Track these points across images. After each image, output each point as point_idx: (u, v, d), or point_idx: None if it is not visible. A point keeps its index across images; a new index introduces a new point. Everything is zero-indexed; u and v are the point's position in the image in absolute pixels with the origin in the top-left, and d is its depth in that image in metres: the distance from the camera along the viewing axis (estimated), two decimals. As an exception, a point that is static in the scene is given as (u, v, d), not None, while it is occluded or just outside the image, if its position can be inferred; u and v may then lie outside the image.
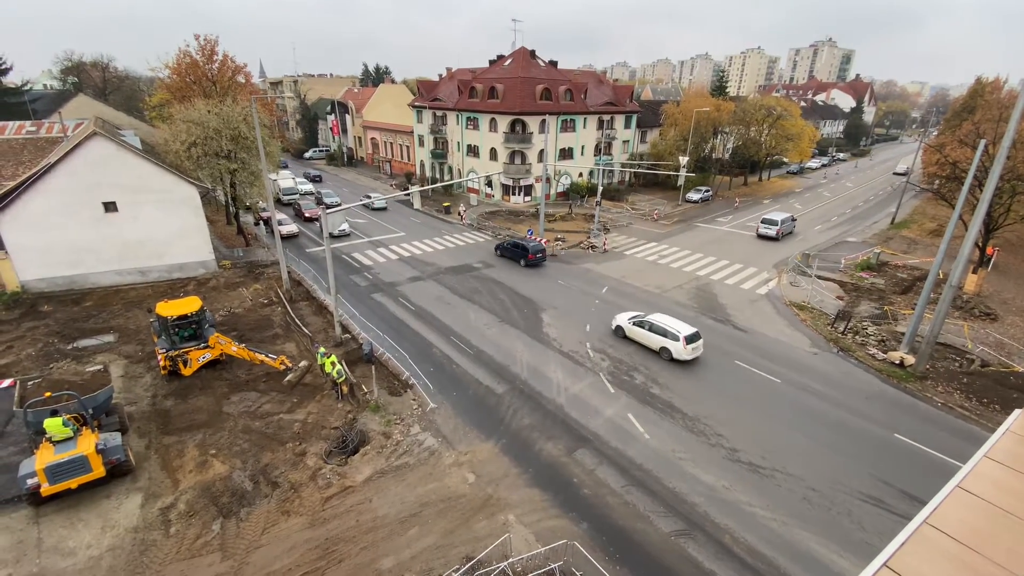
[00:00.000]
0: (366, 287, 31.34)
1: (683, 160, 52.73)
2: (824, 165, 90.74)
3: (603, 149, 61.70)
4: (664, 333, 23.11)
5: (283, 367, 20.58)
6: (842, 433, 18.51)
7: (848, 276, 34.66)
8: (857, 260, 37.79)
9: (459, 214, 48.83)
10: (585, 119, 58.03)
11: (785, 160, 75.44)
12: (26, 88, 60.14)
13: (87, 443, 14.50)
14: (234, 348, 20.52)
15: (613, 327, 25.58)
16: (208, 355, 20.66)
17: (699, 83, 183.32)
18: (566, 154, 57.78)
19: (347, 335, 24.87)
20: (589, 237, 42.47)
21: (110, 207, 27.95)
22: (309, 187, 56.08)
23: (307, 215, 45.90)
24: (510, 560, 12.85)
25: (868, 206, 59.14)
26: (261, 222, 44.19)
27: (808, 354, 24.21)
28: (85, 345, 23.13)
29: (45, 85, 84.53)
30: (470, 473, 16.18)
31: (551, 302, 29.42)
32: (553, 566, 12.87)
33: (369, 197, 47.80)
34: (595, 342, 24.77)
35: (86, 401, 15.92)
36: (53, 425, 14.46)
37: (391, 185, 65.19)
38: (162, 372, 20.58)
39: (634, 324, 24.47)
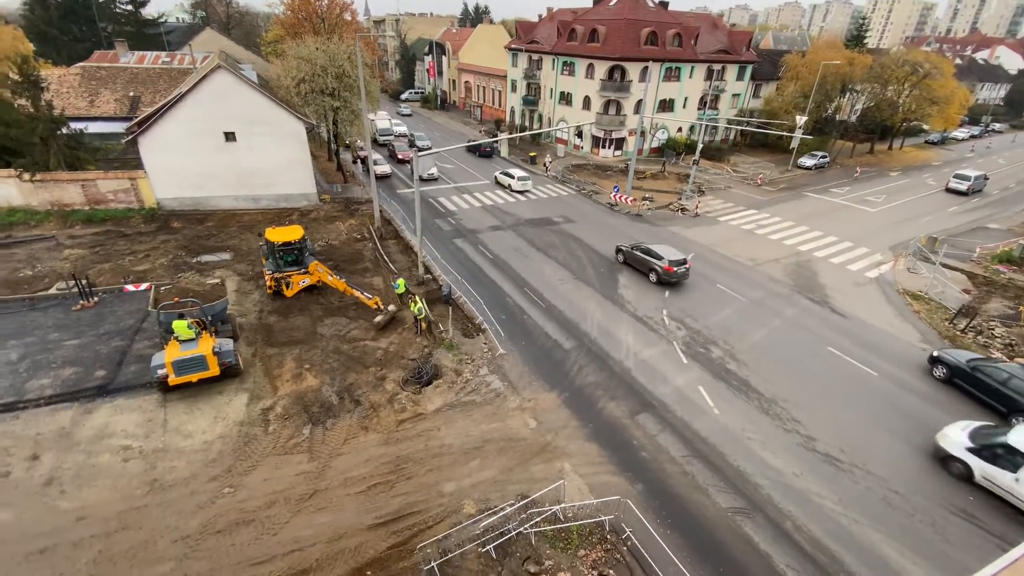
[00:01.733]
0: (449, 232, 32.25)
1: (800, 120, 47.33)
2: (974, 136, 77.40)
3: (709, 103, 56.84)
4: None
5: (375, 307, 22.01)
6: (942, 439, 16.76)
7: (982, 268, 30.13)
8: (996, 250, 32.59)
9: (544, 165, 48.01)
10: (692, 68, 53.47)
11: (925, 127, 65.41)
12: (161, 20, 65.80)
13: (206, 345, 16.75)
14: (330, 277, 22.20)
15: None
16: (307, 280, 22.58)
17: (832, 31, 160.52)
18: (666, 106, 54.01)
19: (429, 276, 26.02)
20: (681, 199, 40.18)
21: (230, 137, 30.62)
22: (403, 128, 57.54)
23: (400, 157, 47.39)
24: (562, 505, 13.39)
25: (1021, 188, 50.14)
26: (358, 160, 46.37)
27: (916, 349, 21.78)
28: (206, 260, 26.23)
29: (177, 18, 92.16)
30: (532, 419, 16.76)
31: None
32: (603, 518, 13.24)
33: (472, 142, 48.13)
34: (673, 310, 23.94)
35: (206, 309, 18.24)
36: (180, 327, 16.80)
37: (480, 131, 65.14)
38: (268, 291, 22.94)
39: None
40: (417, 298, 21.44)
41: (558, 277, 26.66)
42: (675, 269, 25.54)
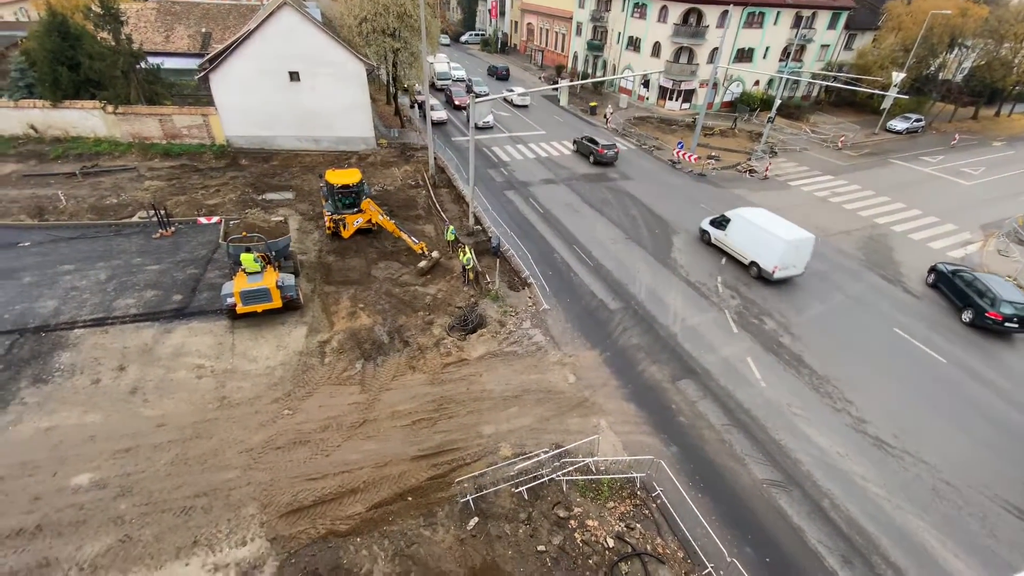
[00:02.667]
0: (501, 183, 31.97)
1: (896, 77, 42.51)
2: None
3: (792, 54, 51.81)
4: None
5: (420, 252, 22.48)
6: (1008, 434, 15.71)
7: (1093, 255, 26.86)
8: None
9: (605, 116, 45.96)
10: (779, 13, 48.60)
11: (1046, 91, 57.00)
12: (233, -45, 65.91)
13: (270, 278, 17.82)
14: (381, 216, 22.67)
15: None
16: (360, 220, 23.19)
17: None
18: (744, 56, 49.76)
19: (479, 227, 26.14)
20: (750, 159, 37.69)
21: (294, 76, 31.08)
22: (462, 73, 56.30)
23: (457, 103, 46.68)
24: (595, 458, 13.74)
25: None
26: (416, 105, 46.11)
27: (994, 338, 20.10)
28: (271, 198, 27.43)
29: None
30: (571, 374, 17.00)
31: (687, 226, 27.50)
32: (635, 475, 13.53)
33: (511, 91, 46.65)
34: (728, 278, 23.05)
35: (271, 244, 19.28)
36: (247, 259, 17.89)
37: (540, 77, 62.76)
38: (327, 231, 23.87)
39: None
40: (466, 248, 21.71)
41: (609, 236, 26.09)
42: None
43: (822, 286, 22.81)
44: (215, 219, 24.27)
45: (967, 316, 20.94)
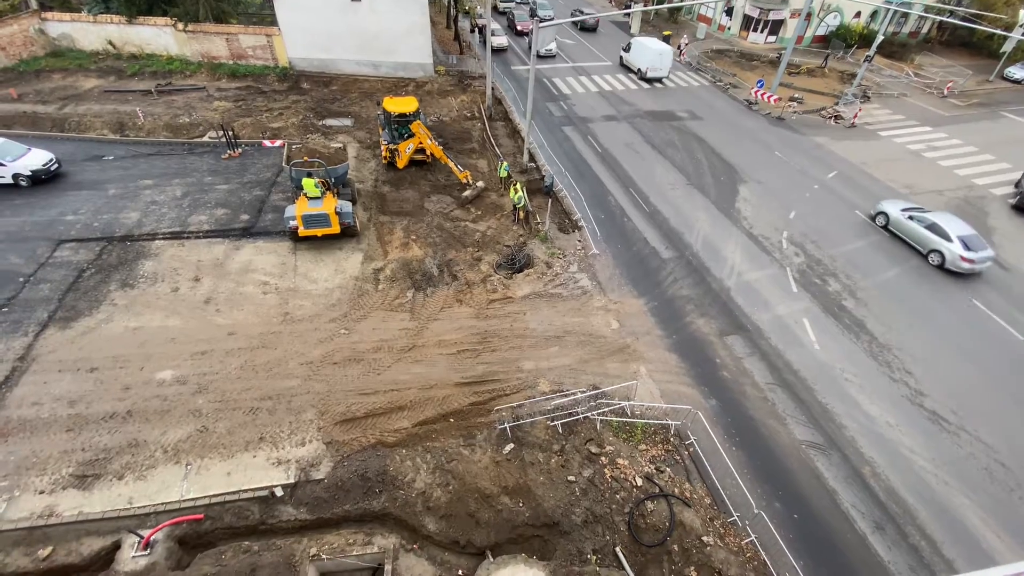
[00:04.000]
0: (559, 118, 30.69)
1: (1029, 12, 36.20)
2: None
3: (906, -20, 44.89)
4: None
5: (465, 181, 22.36)
6: (1089, 424, 14.58)
7: None
8: None
9: (679, 48, 42.32)
10: (897, -70, 41.66)
11: None
12: None
13: (329, 204, 18.42)
14: (430, 140, 22.47)
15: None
16: (412, 145, 23.11)
17: None
18: (846, -18, 43.65)
19: (532, 164, 25.53)
20: (838, 103, 34.07)
21: (355, -4, 30.24)
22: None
23: (519, 28, 44.24)
24: (631, 402, 14.00)
25: None
26: (476, 29, 44.10)
27: (1094, 320, 18.19)
28: (330, 124, 27.73)
29: None
30: (615, 320, 16.99)
31: (757, 175, 25.72)
32: (670, 422, 13.73)
33: (582, 13, 43.54)
34: (795, 233, 21.68)
35: (330, 171, 19.75)
36: (308, 184, 18.48)
37: (610, 1, 57.99)
38: (383, 160, 24.10)
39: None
40: (518, 185, 21.38)
41: (670, 181, 24.87)
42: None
43: (900, 249, 21.09)
44: (278, 143, 24.95)
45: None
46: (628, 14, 46.69)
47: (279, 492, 11.59)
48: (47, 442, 12.31)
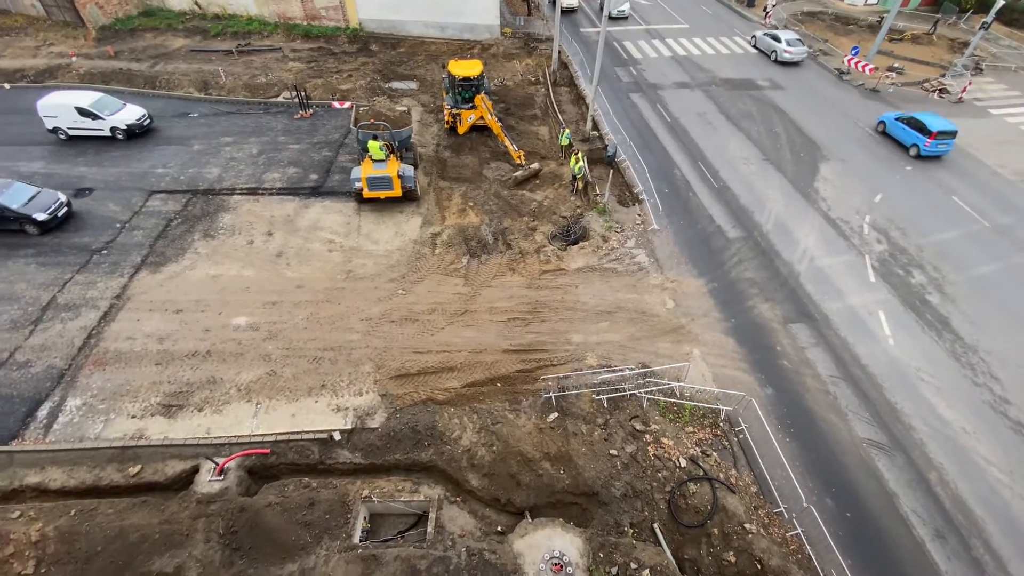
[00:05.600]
0: (627, 83, 29.38)
1: None
2: None
3: (1050, -72, 38.56)
4: None
5: (518, 161, 22.00)
6: None
7: None
8: None
9: (765, 9, 38.96)
10: None
11: None
12: None
13: (392, 168, 18.83)
14: (490, 115, 22.22)
15: None
16: (474, 116, 23.00)
17: None
18: (973, -67, 38.09)
19: (595, 133, 24.77)
20: (945, 75, 30.39)
21: (425, -47, 29.85)
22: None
23: (591, -13, 42.14)
24: (681, 384, 13.73)
25: None
26: (545, -11, 42.49)
27: None
28: (396, 87, 28.02)
29: None
30: (670, 300, 16.54)
31: (841, 153, 23.68)
32: (721, 407, 13.40)
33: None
34: (879, 218, 19.95)
35: (394, 134, 20.09)
36: (373, 147, 18.92)
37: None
38: (445, 125, 24.18)
39: None
40: (579, 155, 20.86)
41: (743, 155, 23.41)
42: None
43: (1001, 243, 18.96)
44: (347, 104, 25.57)
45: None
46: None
47: (337, 436, 12.45)
48: (138, 373, 13.79)
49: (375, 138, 19.32)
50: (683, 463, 12.13)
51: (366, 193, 18.95)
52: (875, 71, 29.73)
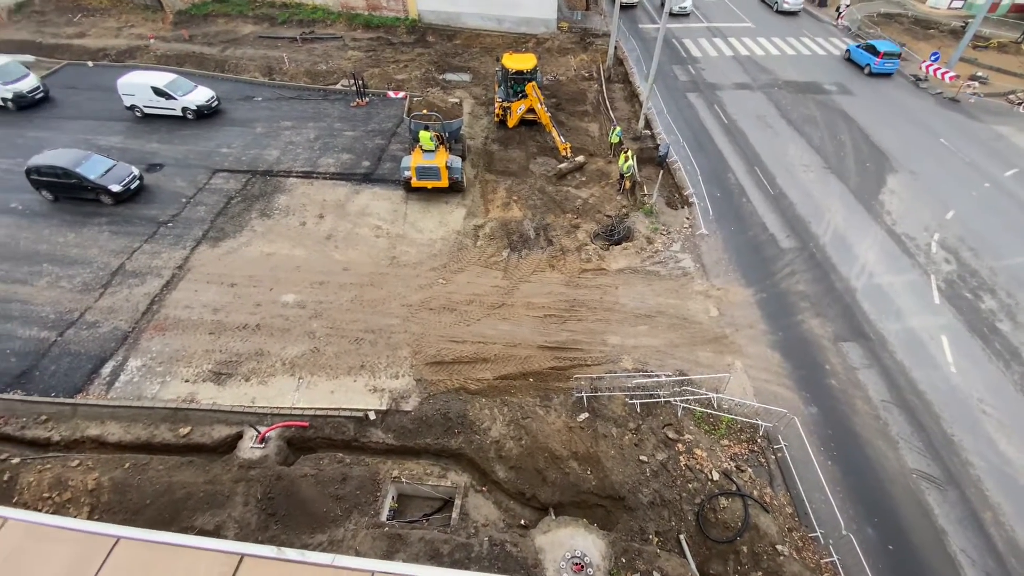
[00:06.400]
0: (684, 82, 28.55)
1: None
2: None
3: None
4: None
5: (564, 153, 21.78)
6: None
7: None
8: None
9: (838, 9, 36.94)
10: None
11: None
12: None
13: (441, 158, 19.08)
14: (540, 105, 22.04)
15: None
16: (523, 107, 22.91)
17: None
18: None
19: (647, 131, 24.24)
20: (1035, 85, 27.93)
21: (487, -55, 29.92)
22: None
23: (653, -18, 41.11)
24: (720, 395, 13.33)
25: None
26: (606, -17, 41.79)
27: None
28: (450, 79, 28.33)
29: None
30: (714, 308, 16.04)
31: (912, 164, 22.22)
32: (760, 423, 12.92)
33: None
34: (950, 237, 18.62)
35: (445, 125, 20.33)
36: (424, 137, 19.22)
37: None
38: (495, 118, 24.27)
39: None
40: (629, 153, 20.45)
41: (803, 162, 22.35)
42: None
43: (1091, 271, 17.34)
44: (401, 94, 26.07)
45: None
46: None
47: (372, 416, 12.82)
48: (193, 340, 14.63)
49: (426, 128, 19.61)
50: (715, 476, 11.80)
51: (414, 182, 19.30)
52: (956, 79, 27.67)
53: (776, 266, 17.56)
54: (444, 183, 19.32)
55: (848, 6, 36.75)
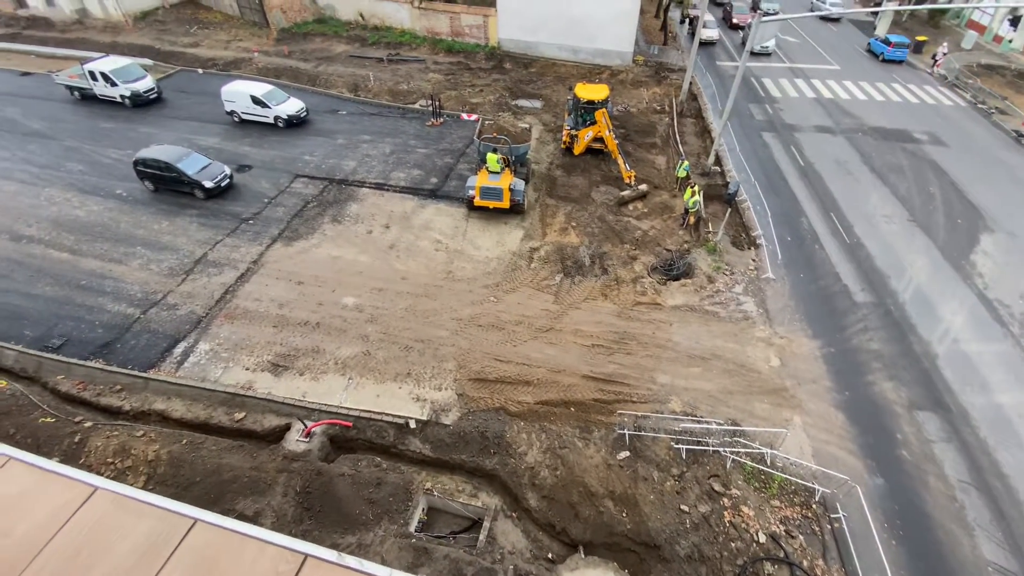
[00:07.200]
0: (760, 121, 27.78)
1: None
2: None
3: None
4: None
5: (628, 180, 21.61)
6: None
7: None
8: None
9: (933, 57, 34.90)
10: None
11: None
12: None
13: (505, 180, 19.50)
14: (608, 132, 22.02)
15: None
16: (591, 133, 23.02)
17: None
18: None
19: (717, 168, 23.67)
20: None
21: (570, -21, 30.79)
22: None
23: (735, 21, 40.73)
24: (774, 451, 12.49)
25: None
26: (687, 20, 41.81)
27: None
28: (522, 104, 29.07)
29: None
30: (776, 357, 15.17)
31: (1010, 224, 20.34)
32: (817, 488, 11.95)
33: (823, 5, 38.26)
34: (1052, 306, 16.79)
35: (512, 149, 20.81)
36: (491, 159, 19.75)
37: (855, -3, 49.84)
38: (562, 145, 24.59)
39: None
40: (696, 188, 20.02)
41: (885, 212, 20.99)
42: None
43: None
44: (474, 117, 27.00)
45: None
46: (877, 12, 39.76)
47: (412, 424, 13.01)
48: (258, 331, 15.52)
49: (494, 151, 20.16)
50: (762, 538, 10.99)
51: (477, 201, 19.79)
52: (1073, 136, 25.21)
53: (848, 320, 16.43)
54: (505, 204, 19.69)
55: (945, 55, 34.63)
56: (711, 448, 12.54)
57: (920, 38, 37.47)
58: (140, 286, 16.92)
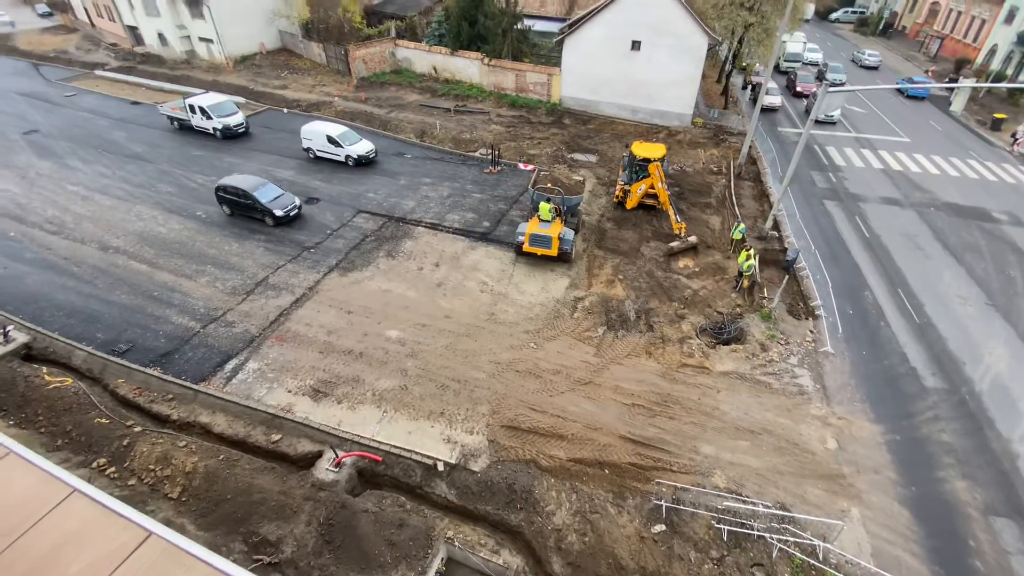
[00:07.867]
0: (823, 189, 27.03)
1: None
2: None
3: None
4: None
5: (677, 231, 21.39)
6: None
7: None
8: None
9: (1014, 136, 33.23)
10: None
11: None
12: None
13: (555, 229, 19.75)
14: (661, 184, 22.02)
15: None
16: (644, 186, 23.06)
17: None
18: None
19: (775, 233, 23.03)
20: None
21: (635, 46, 31.97)
22: (818, 56, 48.32)
23: (799, 89, 40.63)
24: (828, 545, 11.33)
25: None
26: (749, 86, 42.14)
27: None
28: (577, 158, 29.77)
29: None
30: (833, 439, 14.03)
31: (1112, 318, 18.41)
32: (876, 593, 10.67)
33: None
34: None
35: (565, 199, 21.16)
36: (543, 208, 20.13)
37: (927, 72, 48.89)
38: (614, 199, 24.80)
39: None
40: (751, 251, 19.47)
41: (960, 293, 19.56)
42: None
43: None
44: (530, 167, 27.85)
45: None
46: (952, 88, 38.66)
47: (441, 467, 12.78)
48: (304, 355, 16.01)
49: (547, 200, 20.57)
50: (811, 644, 9.81)
51: (525, 247, 20.08)
52: None
53: (916, 406, 15.08)
54: (553, 252, 19.85)
55: (1030, 133, 32.88)
56: (756, 532, 11.54)
57: (998, 115, 35.94)
58: (204, 302, 18.00)
